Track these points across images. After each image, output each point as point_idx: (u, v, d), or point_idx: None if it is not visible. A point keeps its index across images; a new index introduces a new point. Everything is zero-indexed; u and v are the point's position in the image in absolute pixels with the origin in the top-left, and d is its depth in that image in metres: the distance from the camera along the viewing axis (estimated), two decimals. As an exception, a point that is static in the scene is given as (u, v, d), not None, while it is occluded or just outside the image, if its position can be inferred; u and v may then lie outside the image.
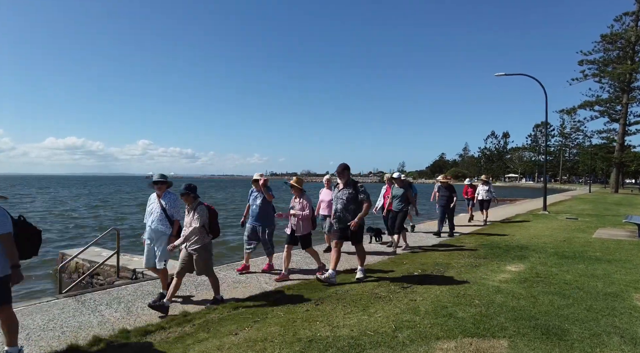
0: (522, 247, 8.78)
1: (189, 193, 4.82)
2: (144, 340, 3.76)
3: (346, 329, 3.94)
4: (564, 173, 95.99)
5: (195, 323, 4.16)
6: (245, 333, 3.85)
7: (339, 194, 5.88)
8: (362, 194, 5.77)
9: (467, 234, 11.13)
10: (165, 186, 5.22)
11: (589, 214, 17.20)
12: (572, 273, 6.26)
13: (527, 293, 5.16)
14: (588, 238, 10.31)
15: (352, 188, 5.83)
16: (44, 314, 4.54)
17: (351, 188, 5.84)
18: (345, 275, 6.22)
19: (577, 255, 7.82)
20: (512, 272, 6.38)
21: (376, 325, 4.05)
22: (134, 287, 5.65)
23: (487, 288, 5.39)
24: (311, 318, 4.24)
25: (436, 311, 4.48)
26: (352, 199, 5.76)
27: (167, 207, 5.13)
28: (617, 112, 43.51)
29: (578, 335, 3.79)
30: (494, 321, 4.17)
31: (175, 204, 5.18)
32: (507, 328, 3.97)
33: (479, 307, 4.61)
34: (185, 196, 4.84)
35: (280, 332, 3.85)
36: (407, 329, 3.95)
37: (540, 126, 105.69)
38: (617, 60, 41.28)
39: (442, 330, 3.94)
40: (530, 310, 4.51)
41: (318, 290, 5.33)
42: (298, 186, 6.18)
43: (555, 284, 5.62)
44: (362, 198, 5.74)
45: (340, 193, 5.89)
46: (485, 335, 3.82)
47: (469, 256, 7.70)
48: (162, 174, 5.28)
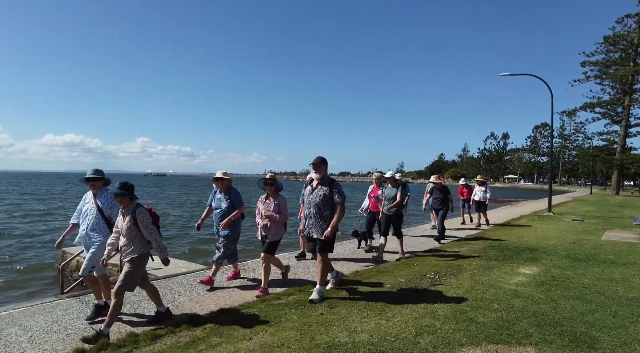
0: (532, 249, 8.62)
1: (124, 193, 3.95)
2: (153, 344, 3.58)
3: (365, 334, 3.76)
4: (563, 175, 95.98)
5: (206, 326, 3.97)
6: (260, 337, 3.67)
7: (313, 195, 4.95)
8: (338, 196, 4.88)
9: (472, 236, 10.96)
10: (101, 183, 4.51)
11: (594, 216, 17.06)
12: (589, 277, 6.10)
13: (546, 298, 4.99)
14: (597, 240, 10.16)
15: (328, 187, 4.93)
16: (47, 315, 4.36)
17: (327, 186, 4.94)
18: (357, 278, 6.04)
19: (590, 258, 7.66)
20: (526, 275, 6.22)
21: (396, 330, 3.88)
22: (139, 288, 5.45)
23: (505, 292, 5.23)
24: (327, 322, 4.07)
25: (456, 315, 4.31)
26: (328, 202, 4.88)
27: (103, 208, 4.43)
28: (619, 114, 43.47)
29: (608, 343, 3.63)
30: (517, 327, 4.01)
31: (113, 203, 4.44)
32: (532, 335, 3.81)
33: (499, 312, 4.45)
34: (120, 197, 3.98)
35: (296, 337, 3.67)
36: (428, 335, 3.78)
37: (539, 128, 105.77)
38: (620, 61, 41.20)
39: (465, 336, 3.77)
40: (553, 316, 4.34)
41: (331, 292, 5.16)
42: (273, 184, 5.44)
43: (574, 288, 5.45)
44: (337, 201, 4.89)
45: (314, 192, 4.97)
46: (510, 342, 3.65)
47: (480, 258, 7.54)
48: (97, 170, 4.57)
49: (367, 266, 6.95)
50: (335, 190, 4.89)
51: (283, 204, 5.41)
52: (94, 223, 4.39)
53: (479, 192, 12.98)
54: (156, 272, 7.17)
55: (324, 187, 4.93)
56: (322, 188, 4.92)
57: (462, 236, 10.81)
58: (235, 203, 5.61)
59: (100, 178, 4.50)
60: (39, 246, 13.04)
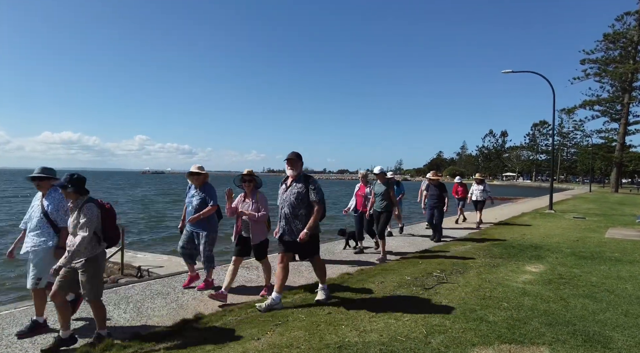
0: (537, 247, 8.56)
1: (67, 186, 3.49)
2: (159, 345, 3.49)
3: (375, 334, 3.69)
4: (561, 173, 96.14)
5: (212, 326, 3.90)
6: (268, 338, 3.60)
7: (287, 193, 4.57)
8: (315, 194, 4.47)
9: (474, 235, 10.90)
10: (48, 182, 4.04)
11: (595, 213, 17.04)
12: (597, 275, 6.05)
13: (555, 296, 4.93)
14: (601, 238, 10.11)
15: (303, 184, 4.52)
16: (49, 315, 4.26)
17: (302, 183, 4.53)
18: (362, 277, 5.97)
19: (595, 256, 7.61)
20: (533, 273, 6.16)
21: (406, 329, 3.81)
22: (142, 286, 5.37)
23: (513, 290, 5.16)
24: (335, 321, 3.99)
25: (465, 314, 4.24)
26: (303, 200, 4.48)
27: (49, 209, 3.94)
28: (618, 112, 43.46)
29: (623, 343, 3.57)
30: (528, 326, 3.94)
31: (61, 205, 3.98)
32: (544, 334, 3.74)
33: (509, 311, 4.38)
34: (65, 191, 3.56)
35: (305, 337, 3.59)
36: (439, 334, 3.71)
37: (538, 125, 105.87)
38: (619, 59, 41.17)
39: (477, 335, 3.70)
40: (564, 314, 4.28)
41: (336, 291, 5.08)
42: (252, 180, 4.94)
43: (583, 286, 5.39)
44: (313, 199, 4.48)
45: (288, 190, 4.58)
46: (523, 342, 3.58)
47: (485, 256, 7.47)
48: (45, 168, 4.10)
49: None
50: (312, 187, 4.48)
51: (262, 202, 4.95)
52: (39, 227, 3.92)
53: (477, 191, 12.38)
54: (159, 271, 7.11)
55: (298, 184, 4.53)
56: (297, 186, 4.53)
57: (460, 235, 10.74)
58: (208, 199, 5.20)
59: (46, 177, 4.01)
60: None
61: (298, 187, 4.51)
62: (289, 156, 4.59)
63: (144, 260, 7.92)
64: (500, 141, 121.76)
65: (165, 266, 7.40)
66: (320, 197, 4.50)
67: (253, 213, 4.82)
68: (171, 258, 8.20)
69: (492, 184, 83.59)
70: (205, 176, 5.32)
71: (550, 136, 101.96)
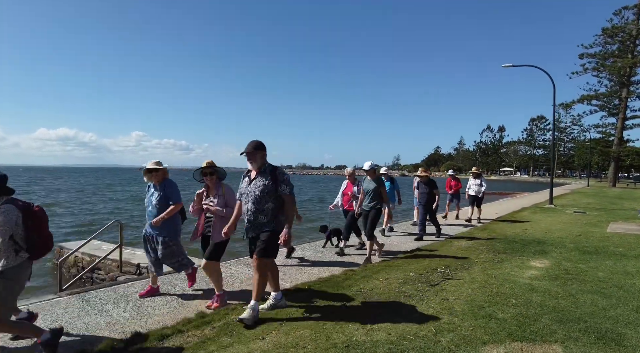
0: (539, 242, 8.49)
1: None
2: (161, 345, 3.38)
3: (382, 332, 3.59)
4: (558, 167, 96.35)
5: (215, 325, 3.78)
6: (273, 337, 3.49)
7: (250, 186, 4.05)
8: (285, 186, 4.01)
9: (473, 230, 10.82)
10: None
11: (595, 208, 17.01)
12: (603, 270, 5.97)
13: (564, 292, 4.84)
14: (603, 232, 10.06)
15: (270, 176, 4.01)
16: (46, 314, 4.15)
17: (268, 176, 4.01)
18: (366, 273, 5.87)
19: (600, 251, 7.54)
20: (538, 268, 6.08)
21: (414, 327, 3.71)
22: (142, 284, 5.25)
23: (520, 286, 5.08)
24: (342, 320, 3.89)
25: (474, 311, 4.15)
26: (269, 193, 3.96)
27: None
28: (616, 107, 43.46)
29: (637, 341, 3.48)
30: (539, 323, 3.85)
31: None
32: (556, 332, 3.65)
33: (517, 307, 4.29)
34: None
35: (311, 336, 3.49)
36: (449, 332, 3.62)
37: (535, 120, 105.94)
38: (618, 54, 41.10)
39: (487, 333, 3.61)
40: (574, 311, 4.19)
41: (341, 288, 4.98)
42: (213, 173, 4.43)
43: (590, 282, 5.31)
44: (285, 193, 4.00)
45: (252, 184, 4.06)
46: (535, 340, 3.49)
47: (488, 252, 7.39)
48: None
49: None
50: (281, 179, 4.01)
51: (229, 195, 4.42)
52: None
53: (474, 186, 11.97)
54: (158, 268, 6.97)
55: (263, 177, 4.01)
56: (262, 179, 4.00)
57: (460, 231, 10.66)
58: (170, 197, 4.61)
59: None
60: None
61: (264, 180, 4.00)
62: (246, 148, 4.02)
63: (143, 257, 7.77)
64: (497, 136, 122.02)
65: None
66: (291, 189, 4.09)
67: (219, 209, 4.37)
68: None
69: (490, 180, 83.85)
70: (163, 172, 4.73)
71: (547, 131, 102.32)
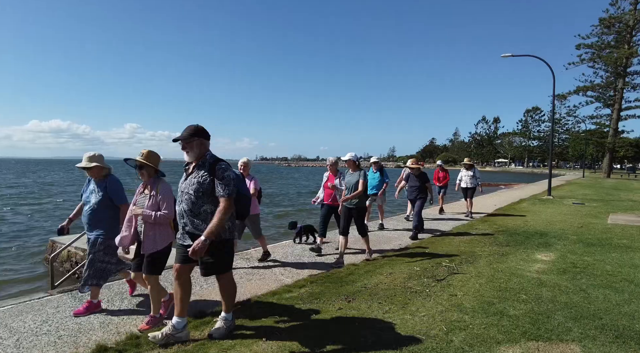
0: (542, 234, 8.37)
1: None
2: (157, 348, 3.19)
3: (392, 332, 3.42)
4: (552, 158, 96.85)
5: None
6: (276, 338, 3.31)
7: (185, 183, 3.30)
8: (222, 187, 3.16)
9: (471, 223, 10.70)
10: None
11: (593, 199, 16.97)
12: (610, 263, 5.85)
13: (574, 287, 4.71)
14: (604, 224, 9.98)
15: (207, 172, 3.21)
16: (36, 314, 3.94)
17: (205, 171, 3.22)
18: (369, 267, 5.70)
19: (604, 243, 7.43)
20: (544, 261, 5.95)
21: (424, 326, 3.55)
22: (137, 281, 5.04)
23: (528, 281, 4.93)
24: (348, 318, 3.72)
25: (484, 308, 4.00)
26: (205, 193, 3.19)
27: None
28: (611, 98, 43.47)
29: (657, 338, 3.34)
30: (553, 320, 3.70)
31: None
32: (571, 330, 3.50)
33: (528, 303, 4.14)
34: None
35: (317, 337, 3.31)
36: (460, 331, 3.46)
37: (530, 111, 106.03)
38: (615, 44, 40.98)
39: (500, 331, 3.45)
40: (587, 307, 4.05)
41: (345, 284, 4.80)
42: (150, 165, 3.60)
43: (599, 276, 5.18)
44: (219, 193, 3.16)
45: (187, 180, 3.30)
46: (551, 338, 3.34)
47: (491, 244, 7.26)
48: None
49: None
50: (218, 177, 3.17)
51: (166, 196, 3.58)
52: None
53: (466, 177, 11.24)
54: (153, 263, 6.75)
55: (200, 172, 3.23)
56: (199, 174, 3.23)
57: (456, 225, 10.53)
58: (112, 197, 4.02)
59: None
60: (23, 235, 12.50)
61: (200, 175, 3.21)
62: (182, 134, 3.27)
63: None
64: (492, 127, 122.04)
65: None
66: (229, 191, 3.16)
67: (147, 212, 3.52)
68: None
69: (485, 171, 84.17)
70: (99, 169, 4.03)
71: (542, 122, 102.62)
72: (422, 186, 8.19)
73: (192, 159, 3.28)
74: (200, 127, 3.31)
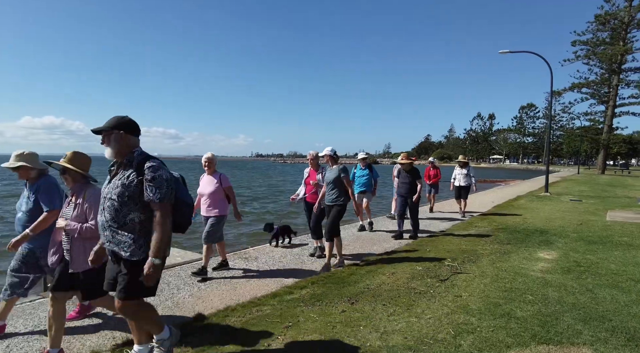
0: (542, 231, 8.31)
1: None
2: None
3: (398, 336, 3.31)
4: (548, 155, 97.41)
5: (214, 329, 3.47)
6: (280, 343, 3.19)
7: (109, 187, 2.65)
8: (152, 190, 2.53)
9: (470, 220, 10.63)
10: None
11: (590, 196, 16.99)
12: (615, 262, 5.78)
13: (580, 287, 4.62)
14: (603, 221, 9.94)
15: (135, 172, 2.59)
16: (27, 318, 3.79)
17: (132, 171, 2.60)
18: (370, 267, 5.60)
19: (605, 241, 7.38)
20: (547, 260, 5.87)
21: (431, 329, 3.44)
22: (133, 282, 4.90)
23: (533, 280, 4.85)
24: (352, 321, 3.61)
25: (490, 309, 3.90)
26: (132, 198, 2.56)
27: None
28: (606, 95, 43.63)
29: (670, 341, 3.26)
30: (562, 323, 3.61)
31: None
32: (581, 333, 3.41)
33: (535, 304, 4.05)
34: None
35: (322, 342, 3.19)
36: (468, 334, 3.35)
37: (525, 108, 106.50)
38: (610, 41, 41.08)
39: (509, 335, 3.36)
40: (595, 308, 3.97)
41: (347, 284, 4.69)
42: (73, 169, 3.11)
43: (604, 275, 5.11)
44: (149, 198, 2.54)
45: (112, 183, 2.65)
46: (561, 341, 3.25)
47: (492, 242, 7.18)
48: None
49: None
50: (147, 178, 2.54)
51: (94, 204, 3.02)
52: None
53: (460, 176, 10.81)
54: (149, 263, 6.61)
55: (127, 172, 2.61)
56: (124, 175, 2.61)
57: (451, 225, 10.46)
58: (41, 201, 3.37)
59: None
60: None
61: (125, 176, 2.59)
62: (103, 125, 2.67)
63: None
64: (487, 124, 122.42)
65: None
66: (162, 194, 2.52)
67: (72, 225, 3.01)
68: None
69: (480, 167, 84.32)
70: (27, 169, 3.43)
71: (537, 119, 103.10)
72: (414, 183, 7.77)
73: (111, 156, 2.67)
74: (127, 119, 2.71)
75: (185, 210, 2.74)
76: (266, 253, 6.52)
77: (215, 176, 5.33)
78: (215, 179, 5.28)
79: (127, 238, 2.57)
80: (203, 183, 5.37)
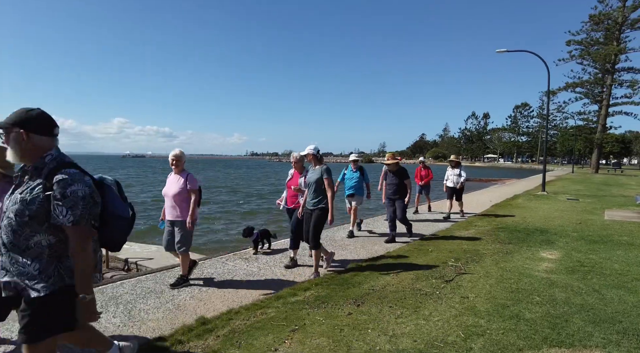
0: (542, 231, 8.30)
1: None
2: (158, 360, 2.96)
3: (407, 339, 3.24)
4: (541, 154, 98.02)
5: (218, 333, 3.37)
6: (286, 347, 3.10)
7: (10, 200, 2.09)
8: (63, 209, 1.98)
9: (468, 220, 10.61)
10: None
11: (586, 195, 17.07)
12: (618, 262, 5.76)
13: (586, 287, 4.58)
14: (601, 220, 9.95)
15: (41, 181, 2.04)
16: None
17: (38, 180, 2.05)
18: (373, 268, 5.52)
19: (605, 240, 7.37)
20: (551, 260, 5.83)
21: (440, 332, 3.38)
22: (132, 284, 4.79)
23: (539, 281, 4.80)
24: (359, 324, 3.53)
25: (498, 311, 3.84)
26: (36, 217, 2.00)
27: None
28: (599, 94, 43.94)
29: (683, 343, 3.21)
30: (572, 325, 3.56)
31: None
32: (592, 335, 3.36)
33: (543, 306, 4.00)
34: None
35: (330, 346, 3.11)
36: (478, 337, 3.29)
37: (520, 107, 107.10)
38: (604, 41, 41.36)
39: (520, 337, 3.30)
40: (604, 309, 3.92)
41: (351, 286, 4.61)
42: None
43: (610, 275, 5.07)
44: (59, 220, 1.99)
45: (13, 195, 2.09)
46: (573, 344, 3.20)
47: (494, 242, 7.14)
48: None
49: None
50: (57, 196, 1.99)
51: None
52: None
53: (452, 176, 10.49)
54: (148, 263, 6.54)
55: (32, 183, 2.06)
56: (28, 187, 2.06)
57: (449, 225, 10.43)
58: None
59: None
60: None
61: (29, 188, 2.04)
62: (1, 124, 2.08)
63: (130, 251, 7.29)
64: (482, 123, 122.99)
65: (155, 258, 6.82)
66: (76, 216, 2.01)
67: None
68: (160, 249, 7.54)
69: (474, 166, 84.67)
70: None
71: (531, 118, 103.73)
72: (402, 183, 7.28)
73: (15, 160, 2.09)
74: (33, 113, 2.09)
75: (117, 224, 2.27)
76: (267, 253, 6.43)
77: (183, 175, 4.77)
78: (183, 179, 4.73)
79: (31, 269, 2.02)
80: (168, 183, 4.82)
